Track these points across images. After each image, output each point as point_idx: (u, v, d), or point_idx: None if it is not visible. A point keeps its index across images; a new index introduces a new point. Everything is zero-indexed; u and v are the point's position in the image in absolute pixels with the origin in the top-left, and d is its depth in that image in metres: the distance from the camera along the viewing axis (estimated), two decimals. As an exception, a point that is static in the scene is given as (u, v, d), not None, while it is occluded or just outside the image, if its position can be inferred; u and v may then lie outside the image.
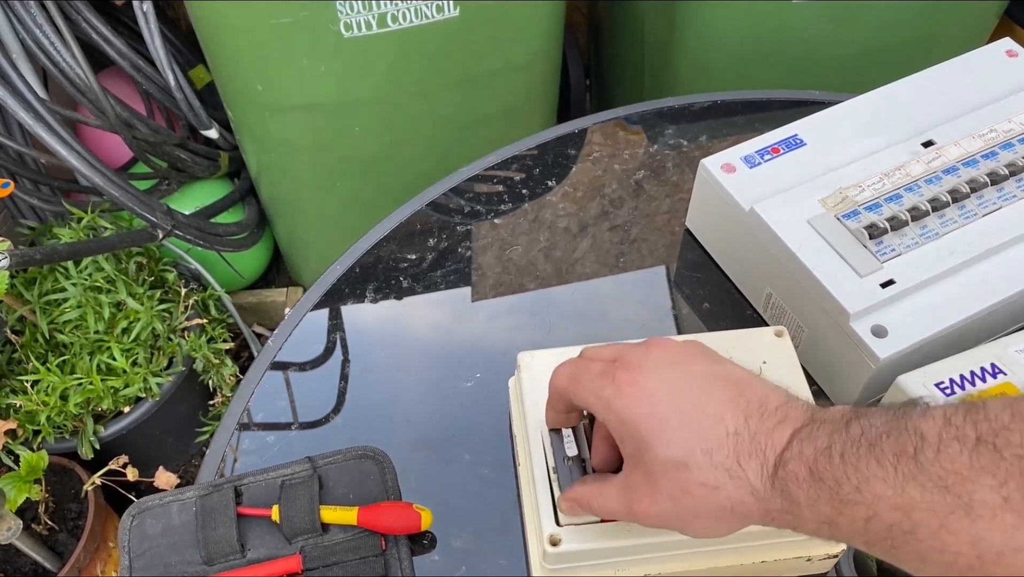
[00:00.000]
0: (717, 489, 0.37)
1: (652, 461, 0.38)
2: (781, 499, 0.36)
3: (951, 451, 0.31)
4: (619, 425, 0.40)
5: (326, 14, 0.97)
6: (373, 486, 0.57)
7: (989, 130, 0.64)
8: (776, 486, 0.36)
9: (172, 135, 1.28)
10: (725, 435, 0.37)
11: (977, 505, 0.30)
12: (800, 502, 0.35)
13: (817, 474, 0.34)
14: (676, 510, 0.38)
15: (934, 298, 0.56)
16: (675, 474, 0.38)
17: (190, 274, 1.33)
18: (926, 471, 0.31)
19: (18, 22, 1.08)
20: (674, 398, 0.39)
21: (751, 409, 0.38)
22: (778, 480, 0.36)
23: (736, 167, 0.65)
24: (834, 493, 0.34)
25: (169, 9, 1.44)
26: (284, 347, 0.68)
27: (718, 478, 0.37)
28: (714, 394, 0.39)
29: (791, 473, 0.35)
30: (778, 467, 0.36)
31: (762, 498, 0.36)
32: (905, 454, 0.32)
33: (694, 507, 0.38)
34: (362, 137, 1.15)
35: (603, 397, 0.40)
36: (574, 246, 0.73)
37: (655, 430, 0.38)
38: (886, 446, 0.32)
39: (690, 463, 0.37)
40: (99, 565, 1.13)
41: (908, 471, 0.31)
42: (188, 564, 0.54)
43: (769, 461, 0.36)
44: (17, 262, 0.97)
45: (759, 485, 0.36)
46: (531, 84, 1.18)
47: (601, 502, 0.42)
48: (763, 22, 1.08)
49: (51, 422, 1.09)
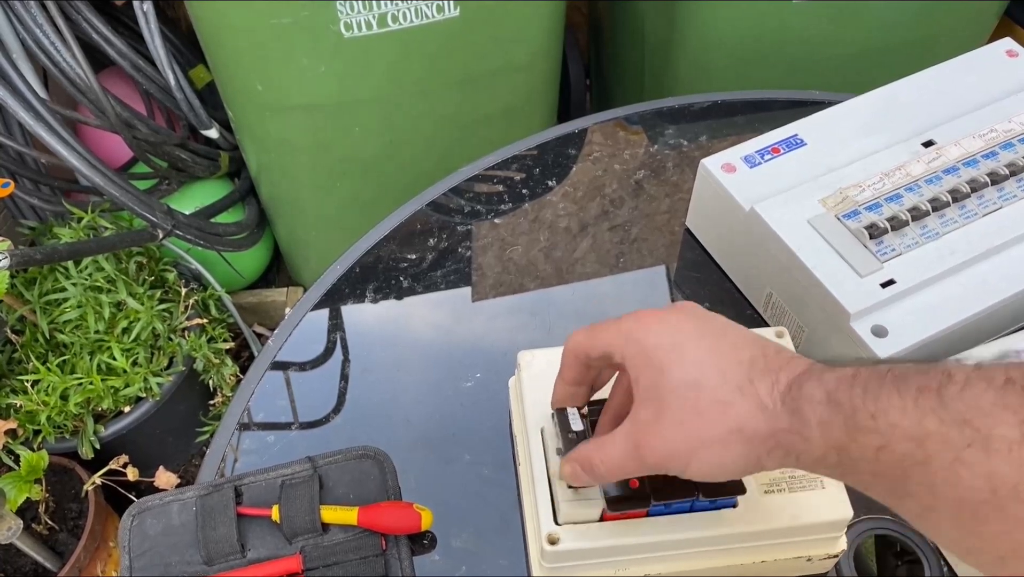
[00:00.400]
0: (728, 405, 0.37)
1: (666, 386, 0.38)
2: (790, 418, 0.35)
3: (976, 389, 0.30)
4: (638, 353, 0.40)
5: (326, 14, 0.97)
6: (373, 486, 0.57)
7: (989, 130, 0.64)
8: (787, 405, 0.36)
9: (172, 135, 1.28)
10: (739, 361, 0.38)
11: (995, 440, 0.29)
12: (811, 424, 0.34)
13: (834, 399, 0.34)
14: (684, 436, 0.38)
15: (934, 298, 0.56)
16: (687, 394, 0.38)
17: (190, 274, 1.33)
18: (947, 406, 0.30)
19: (18, 22, 1.08)
20: (695, 330, 0.39)
21: (769, 348, 0.39)
22: (790, 399, 0.36)
23: (736, 167, 0.65)
24: (849, 419, 0.33)
25: (169, 9, 1.44)
26: (284, 347, 0.68)
27: (729, 395, 0.37)
28: (733, 332, 0.40)
29: (806, 394, 0.35)
30: (792, 387, 0.36)
31: (771, 415, 0.36)
32: (928, 389, 0.31)
33: (702, 431, 0.37)
34: (362, 137, 1.15)
35: (624, 329, 0.41)
36: (574, 246, 0.73)
37: (674, 356, 0.39)
38: (911, 380, 0.32)
39: (703, 382, 0.37)
40: (99, 565, 1.13)
41: (928, 404, 0.31)
42: (188, 564, 0.54)
43: (781, 381, 0.36)
44: (17, 262, 0.97)
45: (768, 401, 0.36)
46: (531, 84, 1.18)
47: (605, 453, 0.41)
48: (763, 22, 1.08)
49: (51, 422, 1.09)
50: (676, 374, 0.38)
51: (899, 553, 0.55)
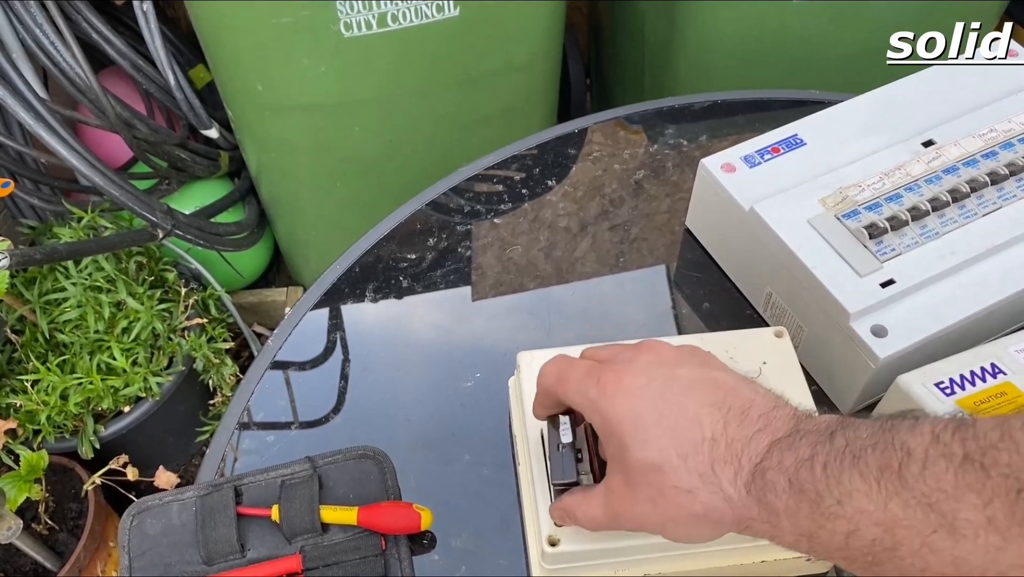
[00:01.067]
0: (691, 494, 0.37)
1: (630, 462, 0.38)
2: (758, 508, 0.35)
3: (937, 468, 0.30)
4: (602, 424, 0.40)
5: (326, 14, 0.97)
6: (373, 486, 0.57)
7: (989, 130, 0.64)
8: (752, 494, 0.35)
9: (172, 135, 1.28)
10: (701, 440, 0.37)
11: (961, 524, 0.29)
12: (779, 512, 0.34)
13: (798, 485, 0.34)
14: (654, 513, 0.38)
15: (934, 298, 0.56)
16: (651, 477, 0.38)
17: (190, 274, 1.33)
18: (910, 487, 0.30)
19: (18, 22, 1.08)
20: (654, 399, 0.39)
21: (731, 415, 0.37)
22: (755, 488, 0.35)
23: (736, 167, 0.65)
24: (815, 506, 0.33)
25: (169, 9, 1.44)
26: (284, 347, 0.68)
27: (692, 483, 0.36)
28: (696, 397, 0.38)
29: (769, 483, 0.35)
30: (756, 476, 0.35)
31: (736, 505, 0.36)
32: (890, 469, 0.31)
33: (670, 511, 0.37)
34: (362, 137, 1.15)
35: (588, 396, 0.41)
36: (574, 246, 0.73)
37: (633, 430, 0.38)
38: (871, 460, 0.32)
39: (665, 466, 0.37)
40: (99, 565, 1.13)
41: (892, 487, 0.31)
42: (188, 564, 0.54)
43: (744, 469, 0.36)
44: (17, 262, 0.97)
45: (732, 492, 0.36)
46: (531, 84, 1.18)
47: (586, 510, 0.42)
48: (763, 22, 1.08)
49: (51, 422, 1.09)
50: (637, 453, 0.38)
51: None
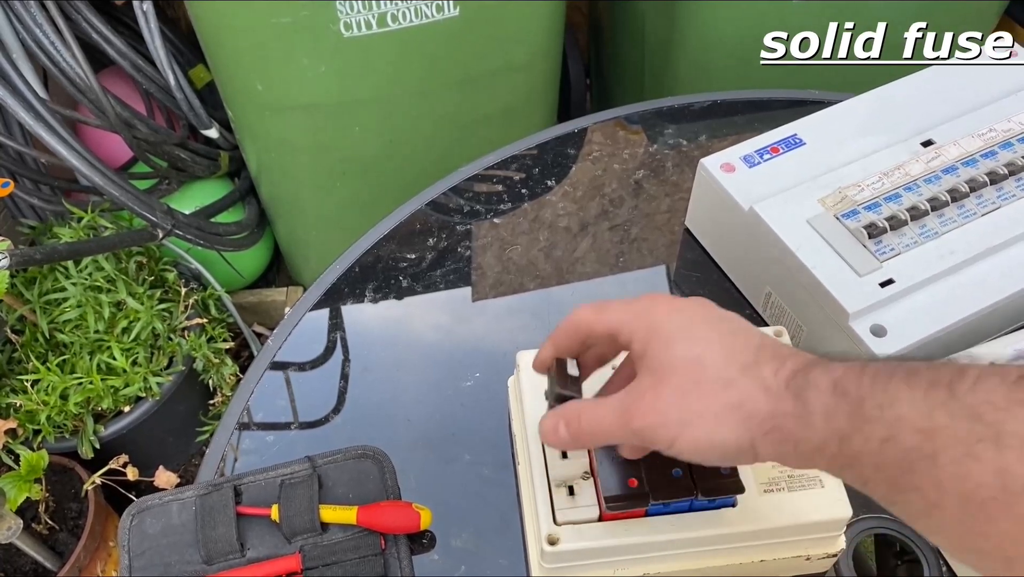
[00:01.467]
0: (729, 382, 0.36)
1: (670, 359, 0.38)
2: (794, 402, 0.35)
3: (989, 384, 0.29)
4: (647, 329, 0.39)
5: (326, 14, 0.97)
6: (373, 486, 0.57)
7: (988, 129, 0.64)
8: (791, 389, 0.35)
9: (172, 135, 1.28)
10: (747, 344, 0.38)
11: (1007, 435, 0.28)
12: (814, 410, 0.34)
13: (841, 388, 0.33)
14: (678, 406, 0.37)
15: (933, 297, 0.56)
16: (690, 367, 0.37)
17: (190, 274, 1.33)
18: (959, 399, 0.30)
19: (18, 22, 1.08)
20: (706, 317, 0.39)
21: (779, 342, 0.38)
22: (795, 384, 0.35)
23: (736, 167, 0.65)
24: (855, 408, 0.32)
25: (169, 9, 1.44)
26: (284, 347, 0.68)
27: (731, 374, 0.36)
28: (746, 325, 0.40)
29: (812, 381, 0.34)
30: (798, 373, 0.35)
31: (773, 396, 0.35)
32: (939, 383, 0.30)
33: (698, 402, 0.37)
34: (362, 137, 1.15)
35: (637, 308, 0.40)
36: (574, 246, 0.73)
37: (682, 333, 0.38)
38: (922, 374, 0.31)
39: (707, 360, 0.37)
40: (99, 564, 1.13)
41: (939, 398, 0.30)
42: (188, 563, 0.54)
43: (787, 366, 0.36)
44: (17, 262, 0.97)
45: (772, 383, 0.36)
46: (531, 84, 1.18)
47: (593, 412, 0.40)
48: (763, 22, 1.08)
49: (51, 421, 1.09)
50: (682, 348, 0.38)
51: (898, 553, 0.55)
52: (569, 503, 0.47)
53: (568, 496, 0.47)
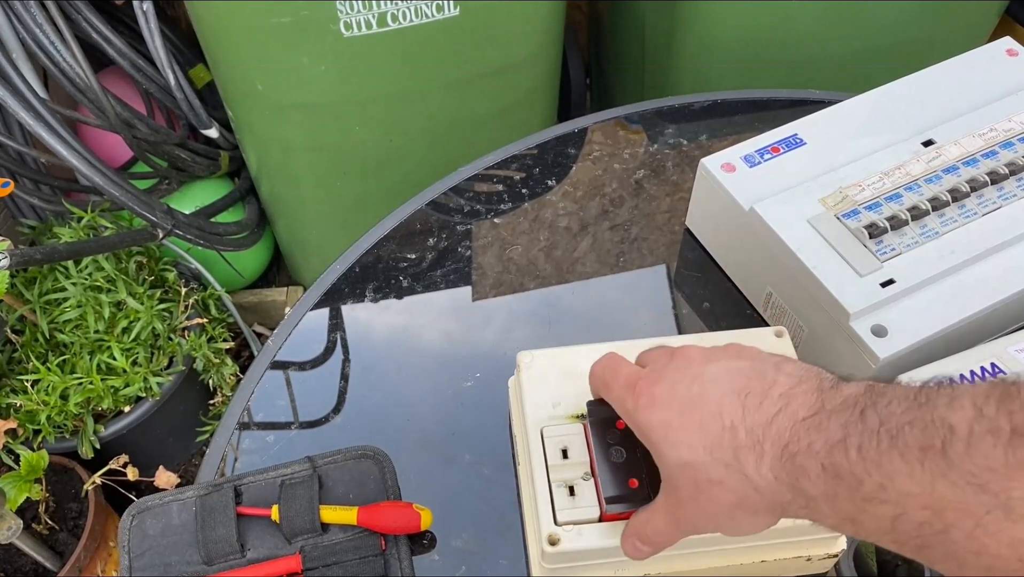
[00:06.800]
0: (722, 484, 0.36)
1: (668, 466, 0.39)
2: (791, 494, 0.34)
3: (984, 446, 0.28)
4: (641, 435, 0.40)
5: (326, 13, 0.97)
6: (373, 486, 0.57)
7: (989, 129, 0.64)
8: (782, 480, 0.34)
9: (172, 134, 1.28)
10: (721, 430, 0.36)
11: (1016, 504, 0.28)
12: (816, 498, 0.33)
13: (832, 470, 0.32)
14: (698, 511, 0.38)
15: (934, 297, 0.56)
16: (687, 475, 0.37)
17: (190, 273, 1.33)
18: (957, 467, 0.29)
19: (18, 22, 1.08)
20: (680, 401, 0.39)
21: (750, 400, 0.37)
22: (785, 474, 0.34)
23: (736, 166, 0.65)
24: (855, 490, 0.32)
25: (169, 8, 1.44)
26: (284, 346, 0.68)
27: (720, 473, 0.36)
28: (718, 389, 0.38)
29: (800, 468, 0.33)
30: (784, 460, 0.34)
31: (766, 492, 0.35)
32: (932, 448, 0.29)
33: (710, 506, 0.37)
34: (362, 137, 1.15)
35: (626, 408, 0.41)
36: (574, 245, 0.73)
37: (664, 435, 0.38)
38: (910, 439, 0.30)
39: (695, 462, 0.37)
40: (99, 565, 1.13)
41: (937, 467, 0.29)
42: (188, 564, 0.54)
43: (768, 454, 0.35)
44: (17, 262, 0.97)
45: (758, 479, 0.35)
46: (531, 83, 1.18)
47: (652, 527, 0.42)
48: (763, 22, 1.08)
49: (51, 422, 1.09)
50: (672, 455, 0.38)
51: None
52: (569, 503, 0.47)
53: (568, 496, 0.47)
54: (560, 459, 0.48)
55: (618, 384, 0.42)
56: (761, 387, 0.37)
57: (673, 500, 0.39)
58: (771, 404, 0.36)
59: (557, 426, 0.49)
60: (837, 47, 1.13)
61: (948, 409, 0.30)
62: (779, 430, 0.35)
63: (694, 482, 0.37)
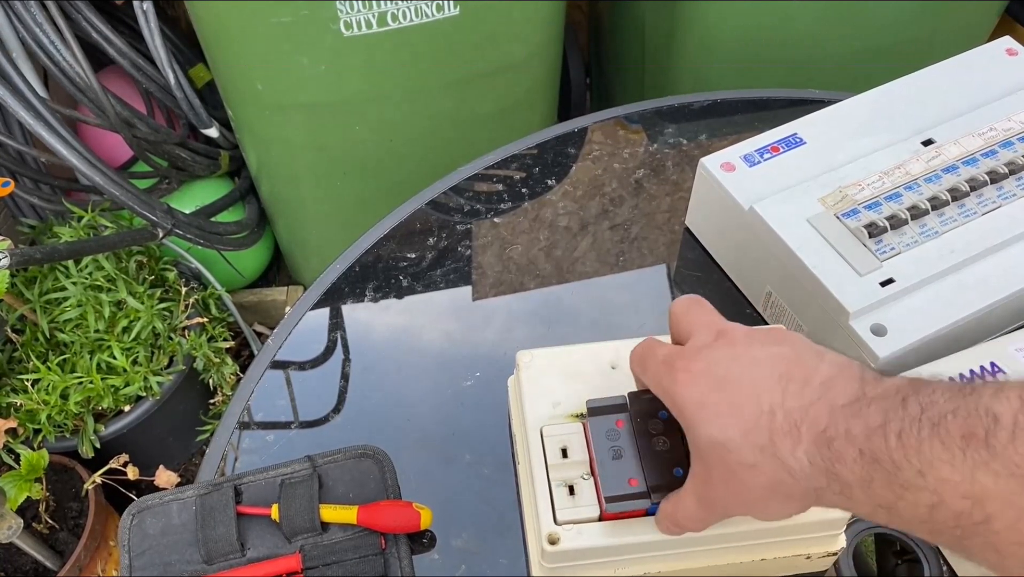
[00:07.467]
0: (755, 468, 0.35)
1: (701, 445, 0.38)
2: (827, 479, 0.34)
3: None
4: (676, 412, 0.40)
5: (326, 13, 0.97)
6: (373, 485, 0.57)
7: (989, 128, 0.64)
8: (817, 465, 0.34)
9: (172, 134, 1.28)
10: (759, 413, 0.36)
11: None
12: (851, 484, 0.33)
13: (870, 455, 0.32)
14: (732, 495, 0.37)
15: (934, 297, 0.56)
16: (719, 455, 0.37)
17: (190, 273, 1.33)
18: (1000, 457, 0.28)
19: (18, 21, 1.08)
20: (718, 380, 0.38)
21: (791, 386, 0.36)
22: (821, 459, 0.34)
23: (736, 166, 0.65)
24: (892, 476, 0.31)
25: (169, 8, 1.44)
26: (284, 346, 0.68)
27: (754, 457, 0.35)
28: (757, 373, 0.37)
29: (837, 453, 0.33)
30: (820, 446, 0.34)
31: (800, 477, 0.34)
32: (975, 437, 0.29)
33: (743, 490, 0.37)
34: (362, 136, 1.15)
35: (662, 385, 0.40)
36: (574, 245, 0.73)
37: (698, 412, 0.38)
38: (952, 427, 0.30)
39: (728, 444, 0.36)
40: (100, 564, 1.13)
41: (979, 456, 0.29)
42: (188, 563, 0.54)
43: (805, 439, 0.34)
44: (17, 261, 0.97)
45: (793, 464, 0.34)
46: (531, 83, 1.18)
47: (683, 510, 0.41)
48: (763, 22, 1.08)
49: (51, 421, 1.09)
50: (704, 433, 0.37)
51: (899, 552, 0.55)
52: (569, 503, 0.47)
53: (568, 496, 0.47)
54: (560, 458, 0.48)
55: (655, 361, 0.41)
56: (802, 374, 0.36)
57: (704, 482, 0.39)
58: (811, 391, 0.35)
59: (557, 425, 0.49)
60: (837, 47, 1.13)
61: (993, 399, 0.29)
62: (817, 415, 0.34)
63: (726, 465, 0.37)
